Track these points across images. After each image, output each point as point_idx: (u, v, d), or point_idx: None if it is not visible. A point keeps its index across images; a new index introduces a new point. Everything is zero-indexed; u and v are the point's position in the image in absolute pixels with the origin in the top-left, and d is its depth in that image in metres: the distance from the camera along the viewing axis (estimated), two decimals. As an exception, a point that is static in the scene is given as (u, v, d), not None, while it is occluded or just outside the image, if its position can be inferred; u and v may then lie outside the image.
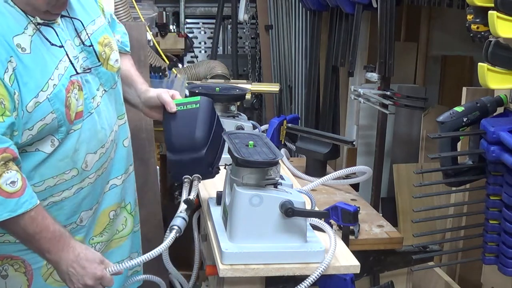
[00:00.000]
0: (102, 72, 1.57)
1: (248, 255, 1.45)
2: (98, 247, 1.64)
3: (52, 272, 1.55)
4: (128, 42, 1.86)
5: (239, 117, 2.25)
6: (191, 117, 1.64)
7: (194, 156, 1.60)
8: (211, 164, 1.63)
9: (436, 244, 1.94)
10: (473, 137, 1.73)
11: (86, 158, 1.51)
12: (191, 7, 5.08)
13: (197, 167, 1.60)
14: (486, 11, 1.52)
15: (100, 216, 1.64)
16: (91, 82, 1.53)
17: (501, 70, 1.54)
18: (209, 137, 1.61)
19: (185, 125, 1.63)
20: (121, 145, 1.67)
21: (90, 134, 1.51)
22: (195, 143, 1.60)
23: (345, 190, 2.19)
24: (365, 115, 3.21)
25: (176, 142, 1.62)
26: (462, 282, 2.27)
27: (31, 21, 1.40)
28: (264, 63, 4.45)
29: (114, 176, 1.65)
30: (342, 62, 2.98)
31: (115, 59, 1.63)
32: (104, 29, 1.64)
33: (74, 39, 1.51)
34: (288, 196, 1.47)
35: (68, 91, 1.42)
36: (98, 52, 1.56)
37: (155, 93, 1.71)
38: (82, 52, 1.52)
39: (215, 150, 1.65)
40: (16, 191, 1.31)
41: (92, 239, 1.63)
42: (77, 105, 1.45)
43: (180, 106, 1.67)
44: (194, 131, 1.61)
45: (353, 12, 2.76)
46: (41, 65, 1.39)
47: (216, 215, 1.64)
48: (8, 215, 1.31)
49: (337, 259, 1.50)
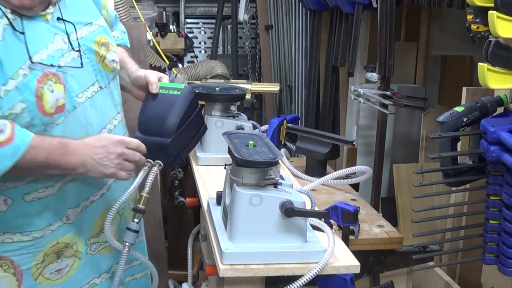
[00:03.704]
0: (98, 69, 1.59)
1: (248, 255, 1.45)
2: (95, 247, 1.64)
3: (42, 271, 1.56)
4: (128, 40, 1.93)
5: (239, 117, 2.25)
6: (169, 102, 1.63)
7: (158, 141, 1.60)
8: (175, 155, 1.62)
9: (436, 244, 1.94)
10: (473, 137, 1.73)
11: None
12: (191, 7, 5.08)
13: (159, 153, 1.60)
14: (486, 11, 1.52)
15: (98, 217, 1.63)
16: (80, 77, 1.53)
17: (501, 70, 1.54)
18: (180, 127, 1.61)
19: (160, 108, 1.63)
20: None
21: (76, 129, 1.50)
22: (163, 129, 1.60)
23: (345, 190, 2.19)
24: (365, 115, 3.21)
25: (146, 123, 1.63)
26: (462, 282, 2.26)
27: (3, 13, 1.40)
28: (264, 63, 4.44)
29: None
30: (342, 62, 2.98)
31: (112, 59, 1.64)
32: (102, 30, 1.65)
33: (64, 38, 1.52)
34: (288, 196, 1.47)
35: (41, 82, 1.42)
36: (94, 50, 1.58)
37: (143, 72, 1.73)
38: (71, 50, 1.53)
39: (183, 141, 1.64)
40: (7, 138, 1.34)
41: (89, 239, 1.63)
42: (55, 98, 1.44)
43: (163, 90, 1.67)
44: (166, 117, 1.61)
45: (353, 12, 2.75)
46: (12, 54, 1.39)
47: (216, 215, 1.64)
48: (12, 161, 1.33)
49: (337, 259, 1.50)
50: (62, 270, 1.60)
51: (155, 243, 2.77)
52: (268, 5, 4.24)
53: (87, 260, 1.64)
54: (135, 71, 1.78)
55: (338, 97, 3.33)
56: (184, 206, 2.88)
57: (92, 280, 1.67)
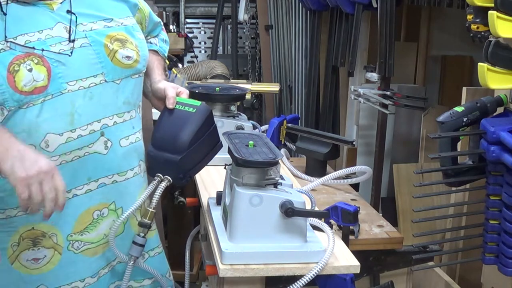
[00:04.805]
0: (105, 62, 1.59)
1: (248, 255, 1.45)
2: (77, 245, 1.61)
3: (19, 256, 1.57)
4: (167, 49, 1.96)
5: (239, 117, 2.25)
6: (183, 119, 1.63)
7: (169, 158, 1.59)
8: (185, 172, 1.61)
9: (436, 244, 1.94)
10: (473, 137, 1.73)
11: (47, 137, 1.50)
12: (191, 7, 5.08)
13: (169, 169, 1.60)
14: (486, 11, 1.52)
15: (82, 214, 1.60)
16: (75, 66, 1.53)
17: (501, 70, 1.54)
18: (192, 145, 1.59)
19: (174, 124, 1.63)
20: (117, 144, 1.63)
21: (57, 115, 1.50)
22: (174, 145, 1.59)
23: (345, 190, 2.19)
24: (365, 115, 3.21)
25: (159, 138, 1.63)
26: (462, 282, 2.27)
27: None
28: (264, 63, 4.44)
29: (103, 174, 1.61)
30: (342, 62, 2.98)
31: (125, 55, 1.63)
32: (124, 28, 1.66)
33: (66, 27, 1.55)
34: (288, 196, 1.47)
35: (18, 60, 1.45)
36: (103, 44, 1.59)
37: (163, 85, 1.73)
38: (75, 40, 1.55)
39: (195, 159, 1.63)
40: None
41: (71, 235, 1.60)
42: (31, 77, 1.46)
43: (179, 105, 1.66)
44: (179, 134, 1.60)
45: (353, 12, 2.75)
46: None
47: (216, 215, 1.64)
48: None
49: (337, 259, 1.50)
50: (40, 260, 1.58)
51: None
52: (268, 5, 4.25)
53: (68, 258, 1.61)
54: (157, 82, 1.77)
55: (338, 97, 3.33)
56: (184, 206, 2.88)
57: (74, 283, 1.63)
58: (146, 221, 1.60)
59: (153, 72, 1.82)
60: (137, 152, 1.70)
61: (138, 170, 1.71)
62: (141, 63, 1.68)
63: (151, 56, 1.82)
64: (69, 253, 1.61)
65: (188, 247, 2.31)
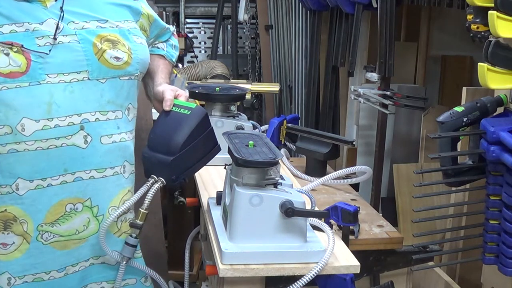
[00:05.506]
0: (92, 61, 1.60)
1: (248, 255, 1.45)
2: (46, 236, 1.61)
3: None
4: (175, 55, 1.98)
5: (239, 117, 2.25)
6: (177, 121, 1.63)
7: (161, 159, 1.60)
8: (177, 174, 1.62)
9: (436, 244, 1.94)
10: (473, 137, 1.73)
11: (23, 121, 1.52)
12: (191, 7, 5.08)
13: (161, 170, 1.60)
14: (486, 11, 1.52)
15: (55, 205, 1.60)
16: (58, 61, 1.56)
17: (501, 70, 1.54)
18: (185, 147, 1.60)
19: (169, 126, 1.63)
20: (97, 140, 1.62)
21: (33, 102, 1.53)
22: (167, 147, 1.60)
23: (345, 190, 2.19)
24: (365, 115, 3.21)
25: (154, 139, 1.64)
26: (462, 282, 2.27)
27: None
28: (264, 63, 4.45)
29: (81, 168, 1.61)
30: (342, 62, 2.98)
31: (115, 56, 1.63)
32: (118, 30, 1.67)
33: (56, 23, 1.58)
34: (288, 196, 1.47)
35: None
36: (92, 42, 1.60)
37: (162, 88, 1.74)
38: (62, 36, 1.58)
39: (188, 162, 1.63)
40: None
41: (42, 226, 1.60)
42: (8, 61, 1.51)
43: (176, 107, 1.67)
44: (172, 135, 1.61)
45: (353, 12, 2.75)
46: None
47: (216, 215, 1.64)
48: None
49: (337, 259, 1.50)
50: (8, 246, 1.59)
51: (155, 243, 2.77)
52: (268, 5, 4.25)
53: (36, 248, 1.61)
54: (158, 84, 1.78)
55: (338, 97, 3.33)
56: (184, 206, 2.88)
57: (38, 274, 1.63)
58: (138, 222, 1.61)
59: (156, 76, 1.83)
60: (121, 152, 1.68)
61: (121, 171, 1.69)
62: (133, 66, 1.68)
63: (157, 60, 1.87)
64: (38, 244, 1.61)
65: (188, 247, 2.32)
